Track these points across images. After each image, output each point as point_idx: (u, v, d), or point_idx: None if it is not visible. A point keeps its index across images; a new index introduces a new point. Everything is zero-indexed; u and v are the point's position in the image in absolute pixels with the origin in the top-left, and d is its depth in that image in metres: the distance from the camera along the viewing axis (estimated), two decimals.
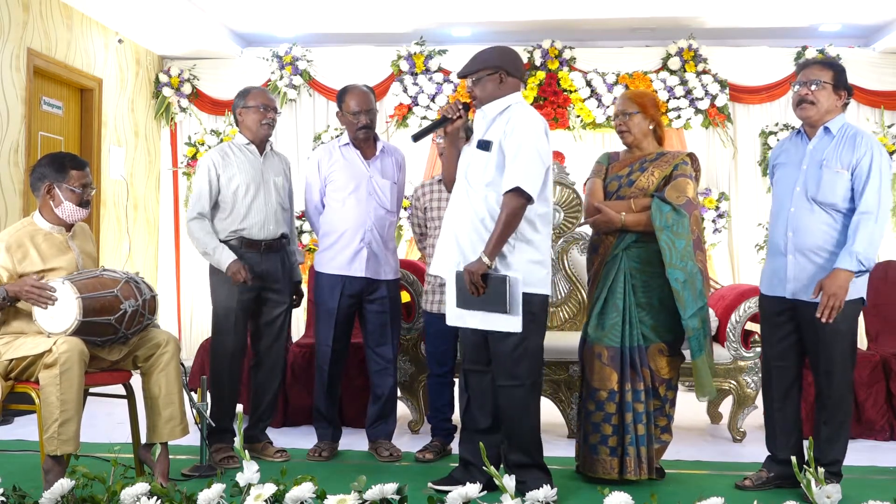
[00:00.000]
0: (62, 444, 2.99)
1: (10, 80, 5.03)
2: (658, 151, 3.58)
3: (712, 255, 6.56)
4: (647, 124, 3.55)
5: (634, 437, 3.37)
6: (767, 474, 3.40)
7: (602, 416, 3.40)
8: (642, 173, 3.51)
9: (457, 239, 3.22)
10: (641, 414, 3.39)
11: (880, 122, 6.51)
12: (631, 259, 3.46)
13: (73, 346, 3.02)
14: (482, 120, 3.30)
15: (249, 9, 6.19)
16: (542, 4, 6.01)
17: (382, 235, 3.92)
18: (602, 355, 3.41)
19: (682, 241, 3.39)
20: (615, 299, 3.43)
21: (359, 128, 3.89)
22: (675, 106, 6.52)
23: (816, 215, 3.24)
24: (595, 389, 3.41)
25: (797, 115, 3.35)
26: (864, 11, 6.10)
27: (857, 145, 3.22)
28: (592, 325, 3.46)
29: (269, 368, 3.92)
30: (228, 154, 3.83)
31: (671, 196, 3.43)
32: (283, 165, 4.00)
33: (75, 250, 3.35)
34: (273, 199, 3.84)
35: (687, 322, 3.36)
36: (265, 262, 3.81)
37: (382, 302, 3.94)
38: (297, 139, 6.93)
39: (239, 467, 3.55)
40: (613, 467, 3.39)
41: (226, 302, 3.78)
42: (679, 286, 3.35)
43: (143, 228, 6.80)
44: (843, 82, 3.29)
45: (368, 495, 2.50)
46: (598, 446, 3.41)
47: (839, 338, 3.23)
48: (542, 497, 2.57)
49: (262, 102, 3.84)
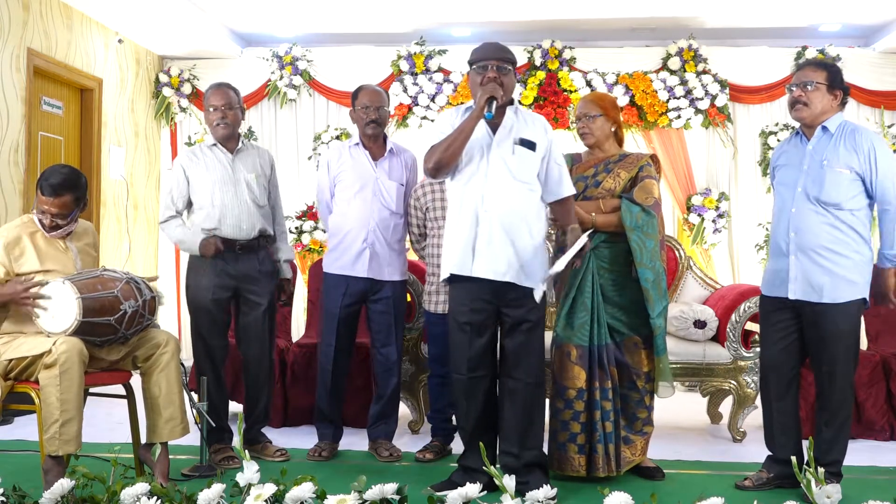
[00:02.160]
0: (63, 444, 2.99)
1: (10, 80, 5.03)
2: (620, 153, 3.66)
3: (712, 256, 6.57)
4: (609, 126, 3.64)
5: (603, 434, 3.41)
6: (767, 474, 3.41)
7: (571, 414, 3.44)
8: (608, 174, 3.57)
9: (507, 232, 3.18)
10: (609, 412, 3.43)
11: (880, 122, 6.51)
12: (599, 259, 3.51)
13: (72, 347, 3.02)
14: (513, 117, 3.29)
15: (249, 9, 6.18)
16: (542, 4, 6.01)
17: (386, 236, 3.91)
18: (571, 354, 3.45)
19: (651, 241, 3.47)
20: (584, 298, 3.48)
21: (367, 122, 3.89)
22: (675, 106, 6.51)
23: (819, 215, 3.24)
24: (564, 388, 3.45)
25: (792, 117, 3.37)
26: (864, 11, 6.10)
27: (859, 143, 3.23)
28: (562, 325, 3.51)
29: (257, 371, 3.89)
30: (197, 155, 3.83)
31: (639, 197, 3.52)
32: (261, 160, 3.93)
33: (73, 251, 3.35)
34: (245, 198, 3.79)
35: (655, 320, 3.44)
36: (241, 263, 3.78)
37: (386, 302, 3.94)
38: (297, 139, 6.92)
39: (238, 467, 3.56)
40: (581, 465, 3.43)
41: (199, 302, 3.77)
42: (648, 285, 3.43)
43: (143, 228, 6.80)
44: (838, 82, 3.30)
45: (368, 495, 2.50)
46: (566, 444, 3.45)
47: (842, 338, 3.23)
48: (542, 497, 2.57)
49: (212, 103, 3.81)
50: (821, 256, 3.23)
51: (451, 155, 3.19)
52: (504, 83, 3.20)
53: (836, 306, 3.22)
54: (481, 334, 3.24)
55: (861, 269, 3.25)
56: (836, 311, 3.22)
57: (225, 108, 3.78)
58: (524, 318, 3.22)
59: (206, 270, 3.75)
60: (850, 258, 3.22)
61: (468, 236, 3.20)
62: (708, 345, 4.35)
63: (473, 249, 3.20)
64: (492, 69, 3.20)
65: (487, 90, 3.14)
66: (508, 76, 3.23)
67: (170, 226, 3.80)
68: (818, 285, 3.22)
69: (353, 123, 4.05)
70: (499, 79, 3.19)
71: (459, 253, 3.22)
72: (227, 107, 3.79)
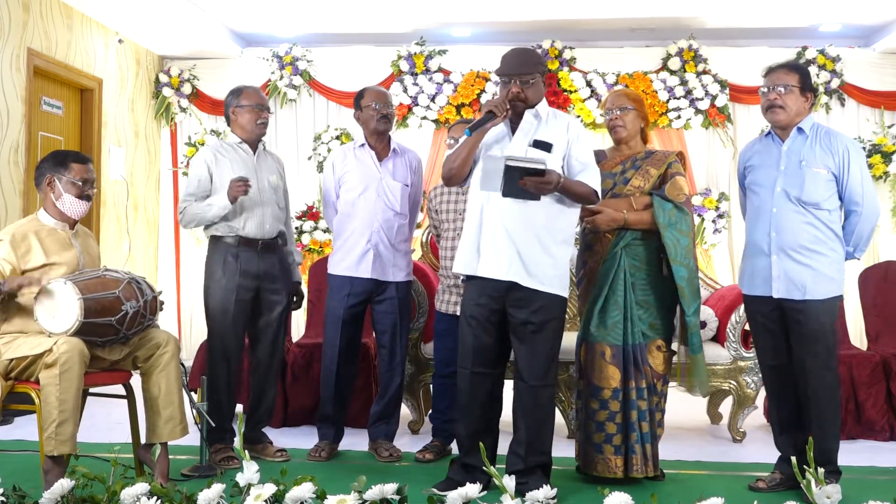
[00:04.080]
0: (59, 444, 2.99)
1: (11, 80, 5.03)
2: (647, 150, 3.62)
3: (712, 256, 6.57)
4: (639, 122, 3.60)
5: (640, 434, 3.38)
6: (780, 475, 3.39)
7: (606, 415, 3.40)
8: (636, 171, 3.53)
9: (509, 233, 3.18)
10: (645, 412, 3.41)
11: (880, 122, 6.51)
12: (630, 257, 3.47)
13: (73, 347, 3.02)
14: (532, 120, 3.30)
15: (249, 9, 6.19)
16: (542, 4, 6.01)
17: (390, 237, 3.91)
18: (605, 353, 3.41)
19: (685, 238, 3.43)
20: (616, 297, 3.44)
21: (379, 118, 3.90)
22: (675, 106, 6.51)
23: (800, 215, 3.28)
24: (598, 388, 3.41)
25: (768, 120, 3.39)
26: (864, 11, 6.10)
27: (834, 145, 3.29)
28: (595, 324, 3.46)
29: (267, 370, 3.91)
30: (221, 152, 3.83)
31: (671, 194, 3.47)
32: (277, 165, 4.00)
33: (77, 248, 3.36)
34: (268, 198, 3.84)
35: (690, 318, 3.41)
36: (263, 262, 3.81)
37: (391, 303, 3.94)
38: (297, 139, 6.92)
39: (237, 467, 3.56)
40: (618, 466, 3.39)
41: (223, 304, 3.76)
42: (684, 283, 3.40)
43: (143, 228, 6.79)
44: (809, 85, 3.35)
45: (368, 495, 2.50)
46: (602, 445, 3.41)
47: (824, 334, 3.27)
48: (542, 497, 2.57)
49: (257, 102, 3.85)
50: (802, 255, 3.26)
51: (459, 166, 3.28)
52: (528, 96, 3.25)
53: (817, 303, 3.25)
54: (487, 331, 3.25)
55: (838, 266, 3.30)
56: (818, 308, 3.26)
57: (265, 109, 3.86)
58: (527, 320, 3.21)
59: (228, 271, 3.75)
60: (827, 256, 3.27)
61: (474, 237, 3.26)
62: (708, 345, 4.34)
63: (478, 250, 3.23)
64: (514, 83, 3.24)
65: (488, 106, 3.20)
66: (533, 87, 3.26)
67: (189, 208, 3.76)
68: (800, 283, 3.26)
69: (358, 125, 4.03)
70: (522, 94, 3.24)
71: (466, 253, 3.28)
72: (267, 108, 3.89)
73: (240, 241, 3.77)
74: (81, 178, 3.32)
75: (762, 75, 3.43)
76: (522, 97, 3.24)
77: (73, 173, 3.30)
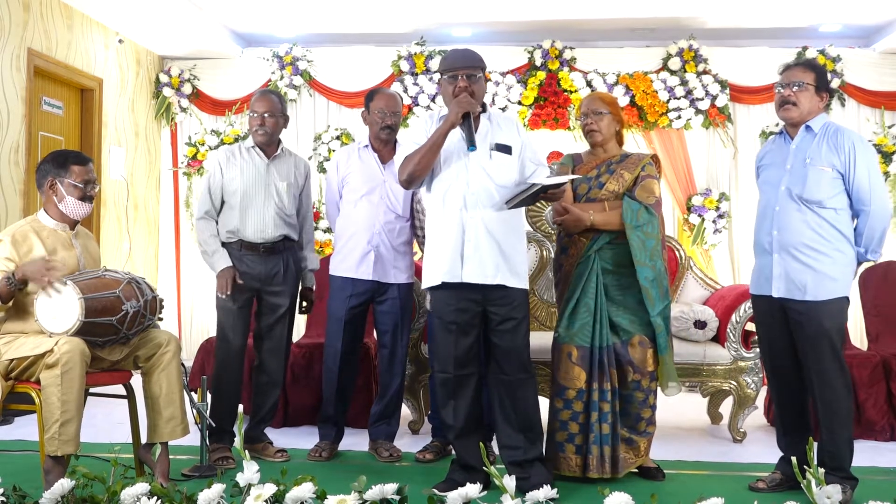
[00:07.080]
0: (63, 444, 2.99)
1: (11, 80, 5.04)
2: (622, 153, 3.66)
3: (712, 256, 6.56)
4: (615, 125, 3.65)
5: (599, 435, 3.42)
6: (781, 475, 3.39)
7: (569, 415, 3.45)
8: (611, 175, 3.58)
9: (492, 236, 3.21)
10: (607, 414, 3.43)
11: (880, 122, 6.51)
12: (603, 260, 3.52)
13: (74, 347, 3.02)
14: (488, 123, 3.33)
15: (249, 9, 6.19)
16: (542, 4, 6.01)
17: (391, 239, 3.91)
18: (572, 354, 3.45)
19: (651, 240, 3.47)
20: (587, 299, 3.49)
21: (382, 127, 3.90)
22: (676, 106, 6.51)
23: (801, 213, 3.25)
24: (563, 388, 3.46)
25: (780, 117, 3.37)
26: (864, 12, 6.10)
27: (840, 143, 3.25)
28: (563, 325, 3.51)
29: (270, 371, 3.92)
30: (235, 155, 3.87)
31: (641, 196, 3.53)
32: (295, 170, 3.98)
33: (78, 248, 3.36)
34: (272, 205, 3.84)
35: (655, 319, 3.44)
36: (265, 264, 3.82)
37: (392, 303, 3.94)
38: (297, 139, 6.92)
39: (235, 467, 3.57)
40: (578, 465, 3.43)
41: (225, 303, 3.80)
42: (648, 284, 3.43)
43: (143, 228, 6.79)
44: (825, 84, 3.33)
45: (368, 495, 2.49)
46: (564, 444, 3.45)
47: (827, 336, 3.21)
48: (543, 497, 2.57)
49: (257, 109, 3.86)
50: (803, 254, 3.23)
51: (423, 167, 3.24)
52: (475, 91, 3.23)
53: (819, 304, 3.21)
54: (467, 333, 3.27)
55: (843, 267, 3.24)
56: (820, 310, 3.21)
57: (266, 115, 3.84)
58: (509, 316, 3.26)
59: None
60: (831, 256, 3.22)
61: (455, 243, 3.23)
62: (708, 345, 4.35)
63: (462, 256, 3.23)
64: (462, 78, 3.23)
65: (462, 105, 3.15)
66: (478, 83, 3.26)
67: (202, 225, 3.83)
68: (801, 283, 3.23)
69: (364, 125, 4.04)
70: (469, 87, 3.21)
71: (448, 260, 3.24)
72: (268, 113, 3.85)
73: (242, 244, 3.81)
74: (83, 179, 3.32)
75: (778, 72, 3.41)
76: (470, 91, 3.22)
77: (74, 176, 3.30)
